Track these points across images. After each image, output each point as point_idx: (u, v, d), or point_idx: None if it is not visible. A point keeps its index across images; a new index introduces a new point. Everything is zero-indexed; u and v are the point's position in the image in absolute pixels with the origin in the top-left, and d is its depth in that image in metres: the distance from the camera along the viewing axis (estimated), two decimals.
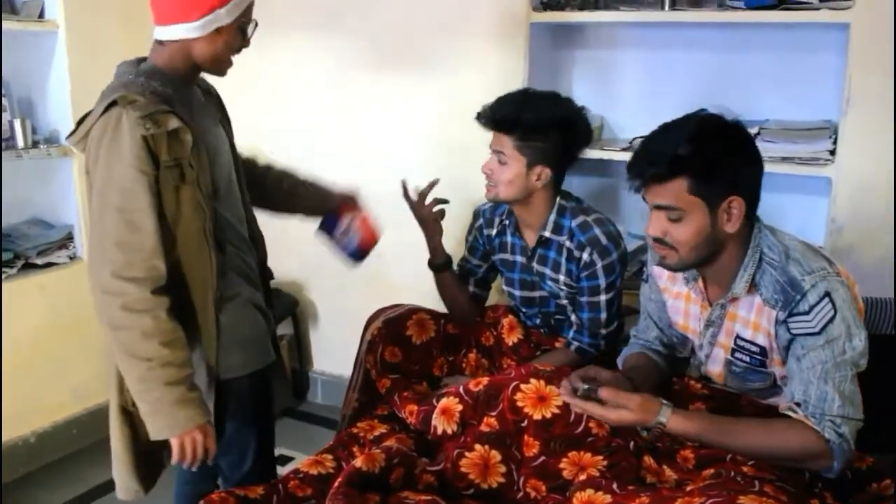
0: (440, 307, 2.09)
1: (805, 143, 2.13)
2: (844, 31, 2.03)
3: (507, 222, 1.98)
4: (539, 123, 1.79)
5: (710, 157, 1.41)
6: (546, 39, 2.47)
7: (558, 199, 1.88)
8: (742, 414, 1.49)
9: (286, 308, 2.90)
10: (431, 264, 2.06)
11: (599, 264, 1.81)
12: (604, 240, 1.82)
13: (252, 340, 1.69)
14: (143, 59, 1.61)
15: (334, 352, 3.01)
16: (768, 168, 1.53)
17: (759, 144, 1.65)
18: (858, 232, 2.10)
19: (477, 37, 2.52)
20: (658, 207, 1.47)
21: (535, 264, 1.93)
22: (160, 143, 1.47)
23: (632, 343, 1.77)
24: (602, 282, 1.82)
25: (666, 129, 1.50)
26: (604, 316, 1.85)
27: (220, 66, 1.61)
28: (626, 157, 2.33)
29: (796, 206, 2.25)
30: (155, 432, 1.53)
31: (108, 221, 1.47)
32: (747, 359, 1.51)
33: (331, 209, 1.94)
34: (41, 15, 2.56)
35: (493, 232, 2.02)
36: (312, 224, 2.87)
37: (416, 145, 2.66)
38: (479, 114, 1.86)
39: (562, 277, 1.88)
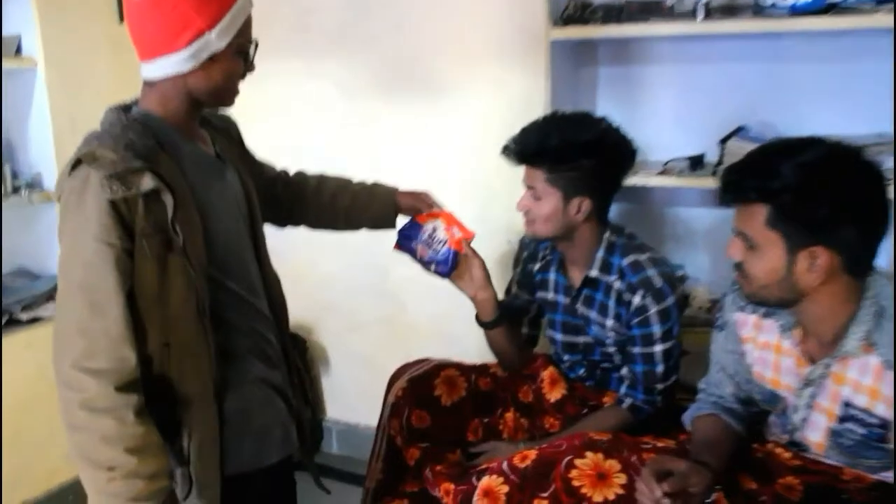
0: (463, 351, 1.85)
1: None
2: None
3: (550, 258, 1.75)
4: (567, 150, 1.57)
5: (804, 193, 1.18)
6: (568, 57, 2.24)
7: (607, 233, 1.65)
8: (846, 491, 1.25)
9: None
10: (480, 321, 1.78)
11: (653, 309, 1.57)
12: (658, 282, 1.57)
13: (267, 428, 1.42)
14: (136, 103, 1.37)
15: (348, 398, 2.76)
16: None
17: None
18: None
19: (493, 58, 2.29)
20: (736, 231, 1.28)
21: (579, 306, 1.69)
22: (134, 207, 1.21)
23: (701, 399, 1.52)
24: (657, 330, 1.58)
25: (780, 146, 1.28)
26: (660, 369, 1.60)
27: (223, 97, 1.36)
28: (661, 181, 2.16)
29: None
30: None
31: (69, 301, 1.23)
32: (863, 431, 1.25)
33: (401, 215, 1.74)
34: (18, 51, 2.32)
35: (536, 267, 1.78)
36: (319, 258, 2.69)
37: (430, 177, 2.41)
38: (504, 147, 1.64)
39: (609, 322, 1.64)
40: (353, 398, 2.73)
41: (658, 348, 1.59)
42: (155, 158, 1.25)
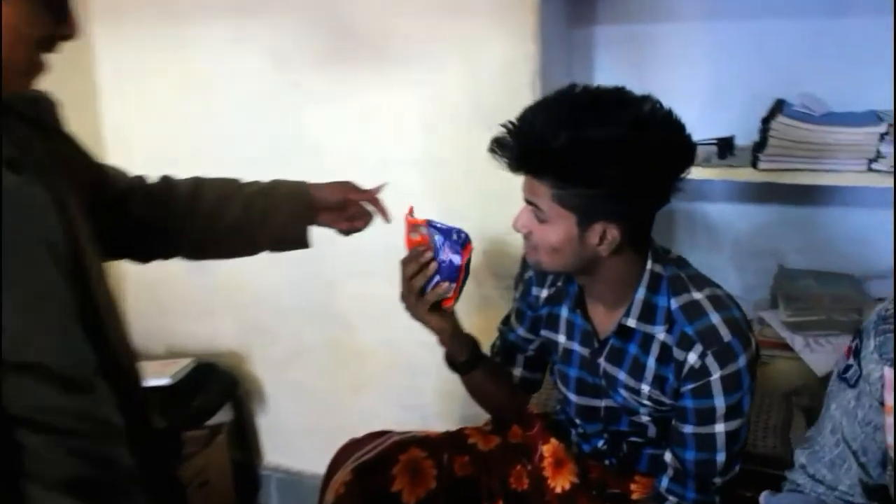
0: (425, 386, 1.29)
1: None
2: None
3: (564, 288, 1.19)
4: (582, 155, 0.97)
5: None
6: (560, 13, 1.68)
7: (648, 262, 1.08)
8: None
9: (222, 390, 2.07)
10: (452, 363, 1.25)
11: (716, 374, 1.02)
12: (726, 334, 1.02)
13: None
14: None
15: (290, 440, 2.20)
16: None
17: None
18: None
19: (464, 15, 1.71)
20: None
21: (602, 361, 1.14)
22: None
23: (799, 486, 0.99)
24: (720, 403, 1.03)
25: None
26: (721, 458, 1.05)
27: (10, 74, 0.78)
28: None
29: None
30: None
31: None
32: None
33: (322, 221, 1.21)
34: None
35: (544, 294, 1.22)
36: (252, 271, 2.10)
37: (387, 165, 1.84)
38: (492, 143, 1.04)
39: (645, 388, 1.10)
40: (296, 439, 2.17)
41: (720, 428, 1.04)
42: None
